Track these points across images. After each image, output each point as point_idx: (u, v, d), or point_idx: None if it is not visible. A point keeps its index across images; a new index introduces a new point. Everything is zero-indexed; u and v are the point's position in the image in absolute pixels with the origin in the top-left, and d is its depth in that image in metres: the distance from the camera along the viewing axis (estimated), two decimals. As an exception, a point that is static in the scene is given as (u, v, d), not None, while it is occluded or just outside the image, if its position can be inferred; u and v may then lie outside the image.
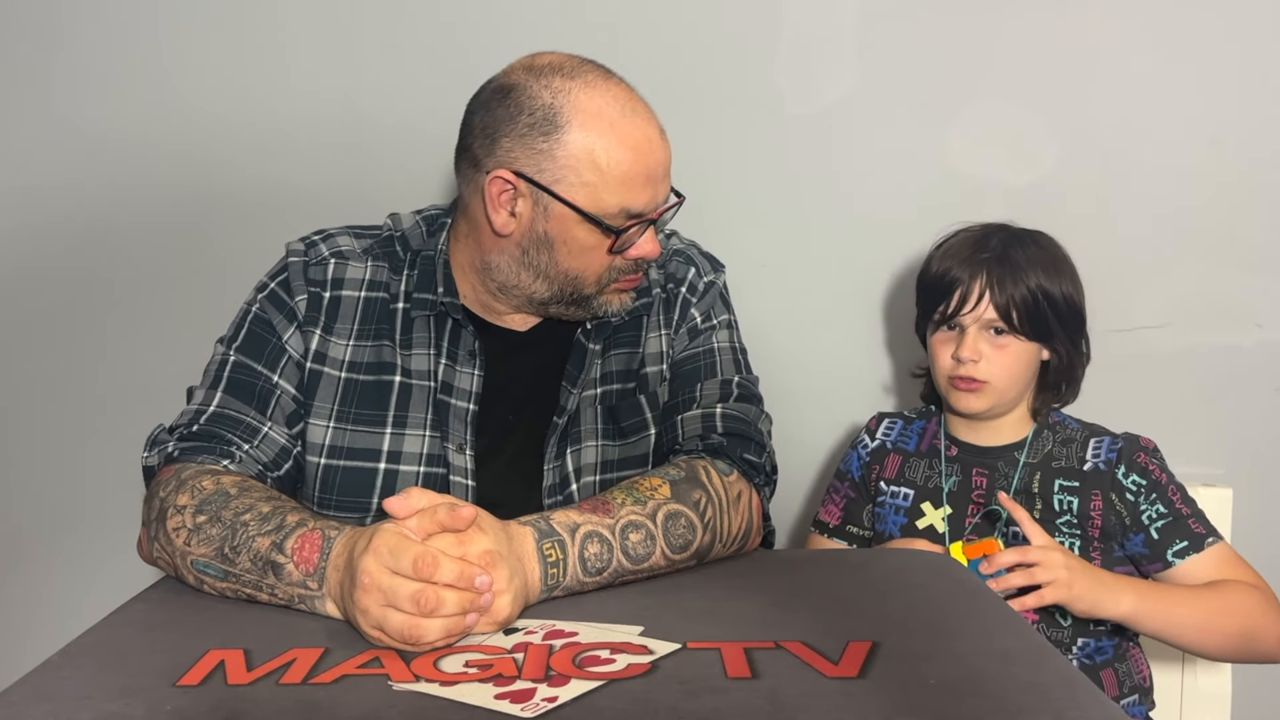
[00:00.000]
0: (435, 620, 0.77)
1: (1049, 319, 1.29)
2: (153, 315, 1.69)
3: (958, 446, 1.37)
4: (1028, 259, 1.29)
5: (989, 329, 1.30)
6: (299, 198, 1.64)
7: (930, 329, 1.36)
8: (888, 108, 1.59)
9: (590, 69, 1.05)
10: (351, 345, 1.11)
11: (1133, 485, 1.28)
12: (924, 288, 1.37)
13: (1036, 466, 1.32)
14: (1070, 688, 0.70)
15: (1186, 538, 1.26)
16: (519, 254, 1.08)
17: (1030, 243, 1.32)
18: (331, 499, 1.08)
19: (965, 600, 0.92)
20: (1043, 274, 1.29)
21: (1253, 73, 1.53)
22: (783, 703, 0.67)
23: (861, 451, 1.44)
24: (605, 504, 0.94)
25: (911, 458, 1.40)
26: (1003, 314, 1.28)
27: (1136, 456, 1.29)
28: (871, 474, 1.42)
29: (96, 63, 1.65)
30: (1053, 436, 1.34)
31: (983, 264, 1.29)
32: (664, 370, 1.16)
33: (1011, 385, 1.31)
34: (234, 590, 0.90)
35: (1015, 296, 1.28)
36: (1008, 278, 1.28)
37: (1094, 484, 1.29)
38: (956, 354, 1.30)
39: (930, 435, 1.40)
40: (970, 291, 1.29)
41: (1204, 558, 1.25)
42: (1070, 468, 1.31)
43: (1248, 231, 1.56)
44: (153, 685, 0.71)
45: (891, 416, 1.46)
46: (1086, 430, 1.35)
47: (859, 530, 1.43)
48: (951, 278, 1.31)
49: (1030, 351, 1.31)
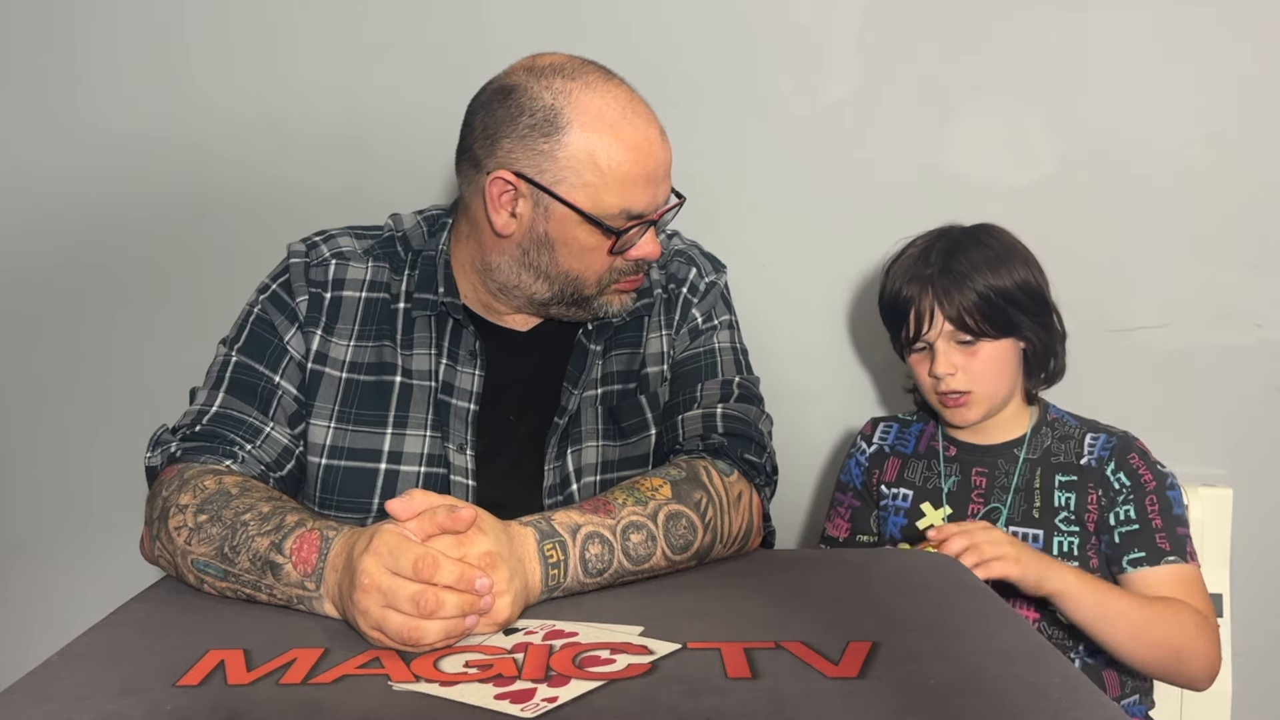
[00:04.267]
0: (435, 622, 0.77)
1: (1008, 313, 1.28)
2: (155, 316, 1.69)
3: (956, 447, 1.37)
4: (971, 263, 1.28)
5: (955, 340, 1.29)
6: (301, 198, 1.65)
7: (904, 350, 1.35)
8: (888, 108, 1.59)
9: (591, 70, 1.05)
10: (352, 345, 1.11)
11: (1118, 484, 1.28)
12: (884, 310, 1.37)
13: (1036, 463, 1.32)
14: (1070, 688, 0.70)
15: (1146, 549, 1.24)
16: (519, 254, 1.08)
17: (972, 243, 1.31)
18: (332, 499, 1.08)
19: (966, 600, 0.92)
20: (989, 273, 1.27)
21: (1253, 73, 1.53)
22: (783, 703, 0.67)
23: (860, 458, 1.43)
24: (606, 504, 0.94)
25: (910, 459, 1.40)
26: (958, 324, 1.27)
27: (1129, 457, 1.29)
28: (872, 479, 1.42)
29: (98, 62, 1.66)
30: (1051, 433, 1.34)
31: (926, 280, 1.29)
32: (665, 370, 1.16)
33: (998, 387, 1.30)
34: (234, 590, 0.90)
35: (965, 304, 1.26)
36: (953, 288, 1.27)
37: (1089, 479, 1.29)
38: (932, 371, 1.30)
39: (928, 437, 1.40)
40: (923, 310, 1.29)
41: (1159, 572, 1.23)
42: (1069, 463, 1.31)
43: (1248, 231, 1.56)
44: (153, 685, 0.71)
45: (887, 420, 1.45)
46: (1084, 426, 1.34)
47: (869, 539, 1.42)
48: (904, 298, 1.31)
49: (1004, 347, 1.30)
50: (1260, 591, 1.58)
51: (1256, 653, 1.58)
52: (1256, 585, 1.57)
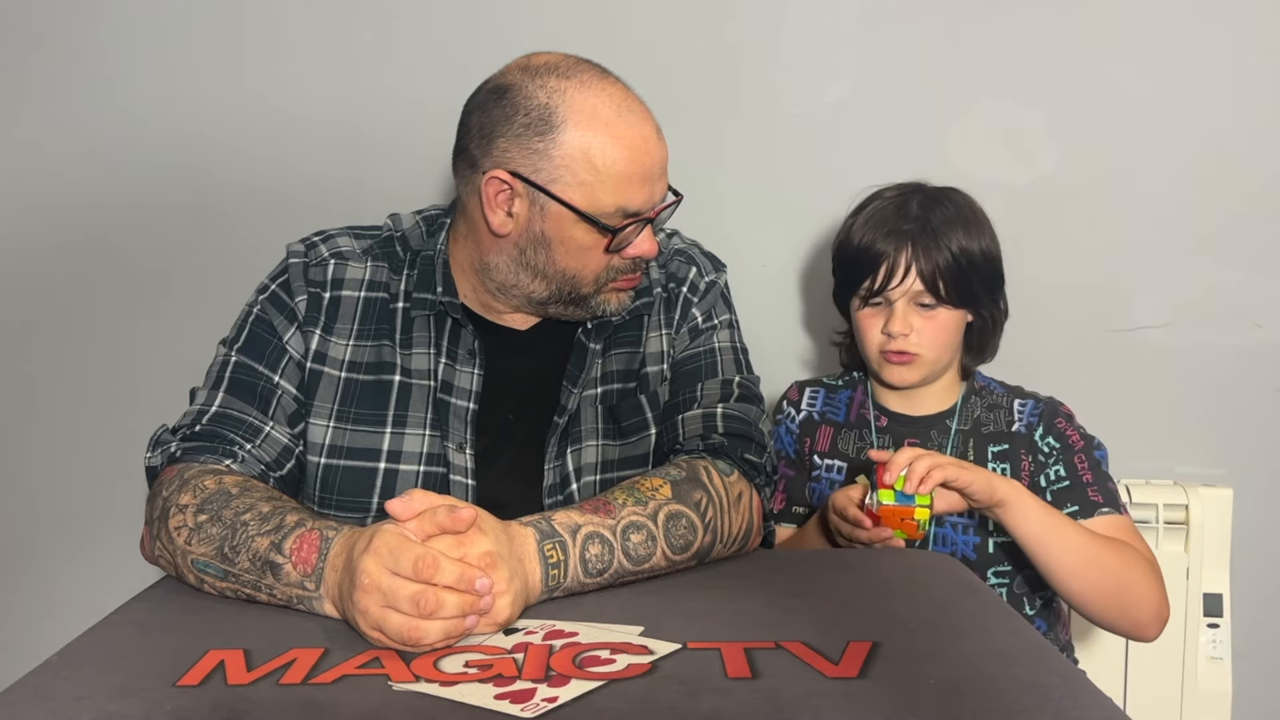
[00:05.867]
0: (435, 622, 0.77)
1: (972, 282, 1.27)
2: (155, 316, 1.69)
3: (887, 416, 1.35)
4: (947, 220, 1.27)
5: (917, 301, 1.28)
6: (300, 199, 1.65)
7: (855, 303, 1.33)
8: (887, 108, 1.59)
9: (586, 68, 1.05)
10: (351, 345, 1.11)
11: (1046, 448, 1.28)
12: (845, 260, 1.32)
13: (969, 433, 1.31)
14: (1070, 687, 0.70)
15: (1079, 502, 1.24)
16: (517, 254, 1.08)
17: (948, 202, 1.30)
18: (332, 499, 1.08)
19: (966, 600, 0.92)
20: (963, 234, 1.27)
21: (1253, 73, 1.54)
22: (783, 703, 0.67)
23: (790, 424, 1.39)
24: (606, 504, 0.94)
25: (842, 429, 1.37)
26: (929, 285, 1.26)
27: (1056, 421, 1.29)
28: (804, 446, 1.38)
29: (95, 64, 1.66)
30: (980, 402, 1.34)
31: (906, 235, 1.26)
32: (665, 370, 1.16)
33: (942, 354, 1.30)
34: (233, 590, 0.90)
35: (940, 263, 1.25)
36: (932, 245, 1.25)
37: (1020, 445, 1.29)
38: (886, 329, 1.28)
39: (858, 405, 1.38)
40: (896, 265, 1.26)
41: (1094, 523, 1.22)
42: (999, 432, 1.31)
43: (1248, 231, 1.56)
44: (152, 685, 0.71)
45: (813, 385, 1.42)
46: (1011, 393, 1.34)
47: (804, 510, 1.38)
48: (876, 250, 1.27)
49: (958, 318, 1.30)
50: (1260, 591, 1.58)
51: (1256, 653, 1.58)
52: (1256, 585, 1.57)
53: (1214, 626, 1.52)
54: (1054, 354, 1.57)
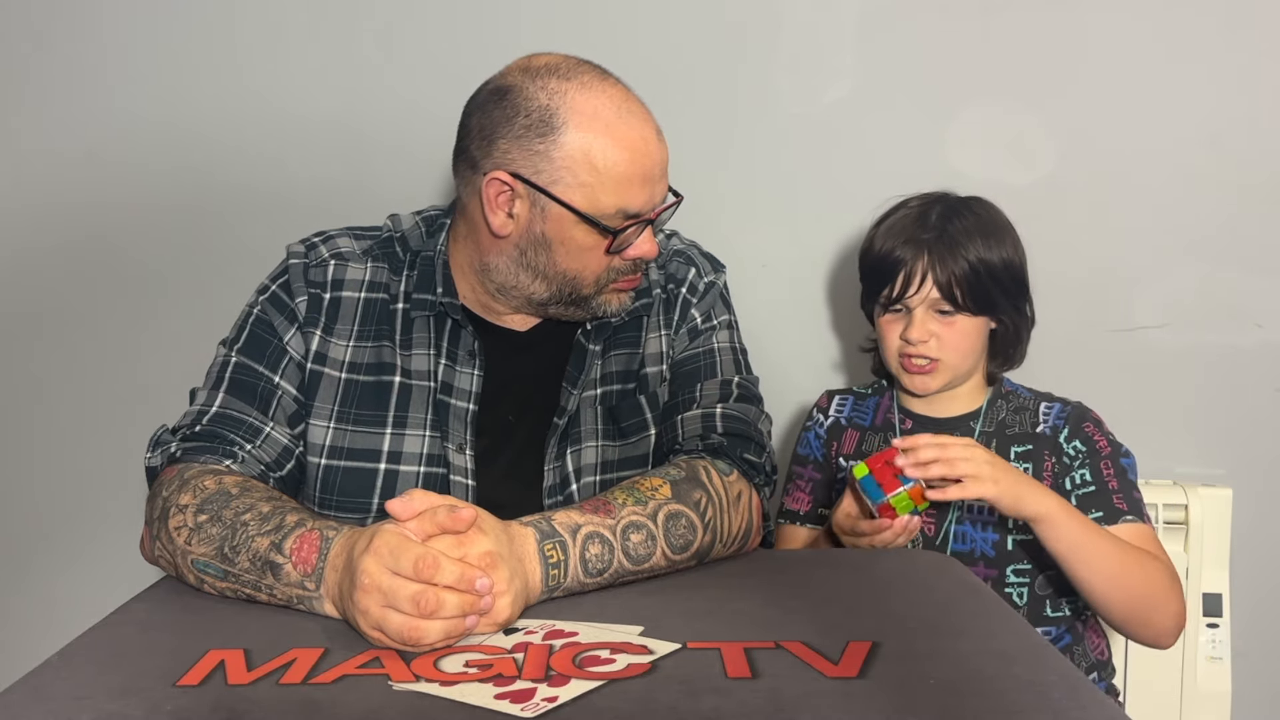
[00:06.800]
0: (435, 622, 0.77)
1: (991, 290, 1.28)
2: (155, 317, 1.69)
3: (912, 420, 1.36)
4: (965, 231, 1.28)
5: (935, 309, 1.28)
6: (300, 199, 1.65)
7: (877, 310, 1.34)
8: (887, 108, 1.59)
9: (586, 70, 1.05)
10: (351, 346, 1.11)
11: (1072, 451, 1.28)
12: (868, 268, 1.34)
13: (992, 435, 1.32)
14: (1071, 687, 0.70)
15: (1103, 509, 1.23)
16: (517, 255, 1.08)
17: (968, 212, 1.31)
18: (332, 499, 1.08)
19: (966, 600, 0.92)
20: (982, 244, 1.27)
21: (1253, 73, 1.54)
22: (783, 703, 0.67)
23: (818, 430, 1.41)
24: (606, 504, 0.94)
25: (868, 433, 1.38)
26: (945, 293, 1.26)
27: (1084, 425, 1.29)
28: (831, 450, 1.40)
29: (95, 64, 1.66)
30: (1006, 405, 1.34)
31: (923, 244, 1.28)
32: (664, 371, 1.16)
33: (963, 361, 1.30)
34: (233, 590, 0.90)
35: (956, 273, 1.26)
36: (948, 254, 1.26)
37: (1044, 447, 1.29)
38: (905, 335, 1.29)
39: (884, 410, 1.39)
40: (914, 272, 1.27)
41: (1118, 530, 1.21)
42: (1024, 433, 1.31)
43: (1248, 231, 1.56)
44: (152, 685, 0.71)
45: (842, 393, 1.43)
46: (1037, 398, 1.34)
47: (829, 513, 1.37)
48: (894, 258, 1.29)
49: (978, 325, 1.30)
50: (1260, 591, 1.58)
51: (1256, 653, 1.58)
52: (1256, 585, 1.57)
53: (1213, 626, 1.52)
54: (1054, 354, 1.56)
